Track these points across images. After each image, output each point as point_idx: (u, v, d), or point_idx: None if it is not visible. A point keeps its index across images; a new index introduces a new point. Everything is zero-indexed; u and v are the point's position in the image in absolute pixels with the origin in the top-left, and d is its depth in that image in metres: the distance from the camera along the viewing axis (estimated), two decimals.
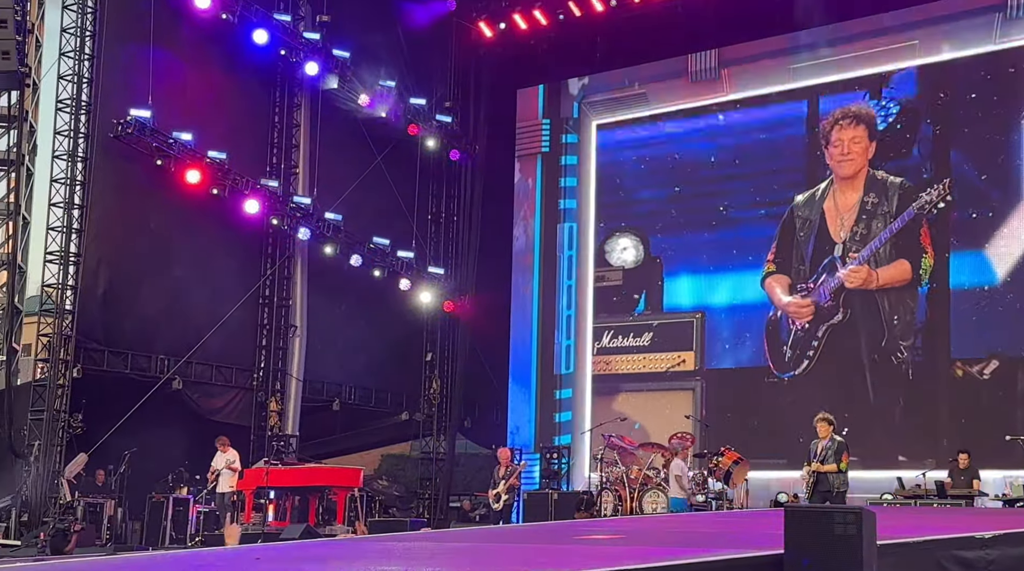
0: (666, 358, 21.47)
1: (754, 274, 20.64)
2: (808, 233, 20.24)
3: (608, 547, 6.98)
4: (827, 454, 13.75)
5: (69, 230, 17.22)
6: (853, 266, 19.55)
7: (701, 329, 21.16)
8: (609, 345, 22.11)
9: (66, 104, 17.35)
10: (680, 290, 21.54)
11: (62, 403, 16.88)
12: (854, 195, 19.83)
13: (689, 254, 21.50)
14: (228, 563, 6.49)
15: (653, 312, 21.86)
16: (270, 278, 20.76)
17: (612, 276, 22.42)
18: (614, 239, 22.39)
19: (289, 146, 20.98)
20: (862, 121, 19.93)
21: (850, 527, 6.10)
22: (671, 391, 21.13)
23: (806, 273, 20.17)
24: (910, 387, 18.79)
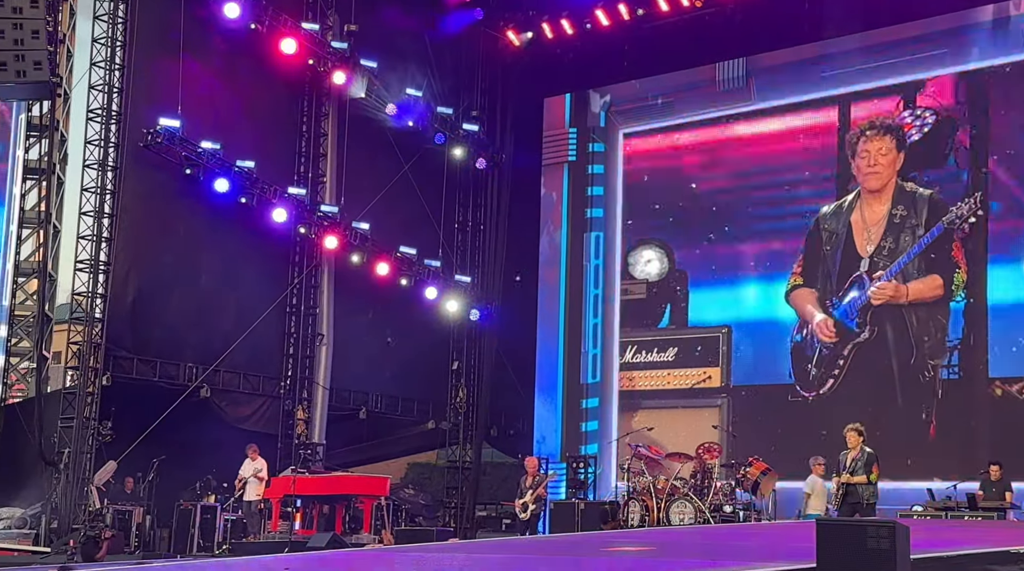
0: (691, 374, 21.20)
1: (782, 287, 20.46)
2: (834, 246, 20.03)
3: (639, 559, 6.95)
4: (856, 465, 13.71)
5: (99, 239, 17.32)
6: (881, 283, 19.32)
7: (727, 344, 20.89)
8: (632, 360, 21.91)
9: (96, 114, 17.47)
10: (706, 304, 21.30)
11: (92, 411, 16.96)
12: (881, 208, 19.62)
13: (715, 267, 21.26)
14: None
15: (678, 327, 21.62)
16: (297, 287, 20.82)
17: (636, 289, 22.22)
18: (638, 251, 22.24)
19: (317, 155, 21.04)
20: (889, 132, 19.74)
21: (883, 541, 6.05)
22: (696, 408, 20.78)
23: (832, 288, 19.95)
24: (943, 406, 18.42)
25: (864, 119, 19.95)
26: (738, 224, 21.09)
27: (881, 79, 19.82)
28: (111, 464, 17.35)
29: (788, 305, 20.38)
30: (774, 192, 20.83)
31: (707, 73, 21.51)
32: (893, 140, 19.67)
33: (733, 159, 21.34)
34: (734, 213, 21.18)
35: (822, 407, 19.39)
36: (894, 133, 19.71)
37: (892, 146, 19.65)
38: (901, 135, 19.62)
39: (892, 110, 19.75)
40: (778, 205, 20.77)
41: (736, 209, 21.17)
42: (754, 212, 20.97)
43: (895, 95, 19.73)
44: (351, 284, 21.24)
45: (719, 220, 21.37)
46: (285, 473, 18.13)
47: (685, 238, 21.78)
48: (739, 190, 21.24)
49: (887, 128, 19.77)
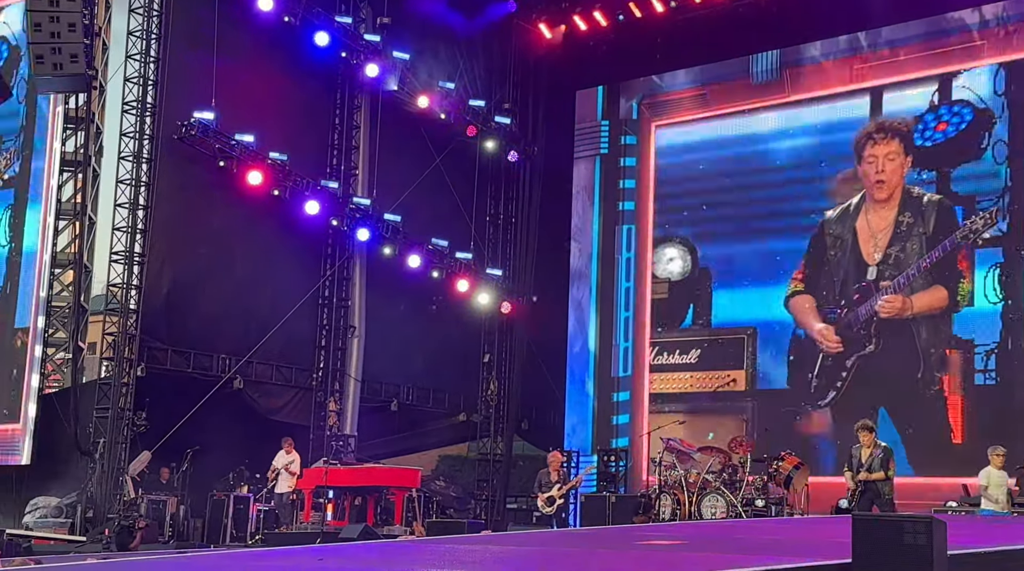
0: (715, 377, 20.70)
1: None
2: (839, 253, 19.74)
3: (671, 554, 6.93)
4: (873, 462, 13.70)
5: (134, 230, 17.45)
6: (888, 296, 19.07)
7: (753, 346, 20.46)
8: (654, 362, 21.61)
9: (132, 106, 17.59)
10: (731, 304, 20.95)
11: (126, 401, 17.10)
12: (888, 214, 19.40)
13: (741, 266, 20.88)
14: (292, 563, 6.53)
15: (701, 327, 21.26)
16: (329, 279, 20.90)
17: (658, 288, 21.93)
18: (660, 249, 22.01)
19: (349, 147, 21.11)
20: (897, 135, 19.46)
21: (920, 536, 6.00)
22: (720, 413, 20.27)
23: (835, 296, 19.70)
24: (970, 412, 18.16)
25: (880, 117, 19.69)
26: (767, 221, 20.74)
27: (913, 72, 19.56)
28: (145, 454, 17.49)
29: (787, 311, 20.16)
30: (806, 186, 20.47)
31: (741, 65, 21.35)
32: (901, 144, 19.40)
33: (765, 153, 21.06)
34: (763, 210, 20.86)
35: (827, 417, 19.18)
36: (903, 136, 19.43)
37: (900, 150, 19.38)
38: (910, 138, 19.34)
39: (924, 105, 19.42)
40: (812, 199, 20.39)
41: (765, 205, 20.84)
42: (783, 208, 20.62)
43: (930, 85, 19.37)
44: (383, 276, 21.29)
45: (746, 217, 21.04)
46: (317, 464, 18.22)
47: (711, 236, 21.43)
48: (768, 186, 20.91)
49: (895, 130, 19.48)
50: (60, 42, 13.85)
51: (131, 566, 6.60)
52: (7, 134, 20.35)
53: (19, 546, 13.82)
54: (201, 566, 6.35)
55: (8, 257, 19.99)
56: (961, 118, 19.13)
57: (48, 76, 14.19)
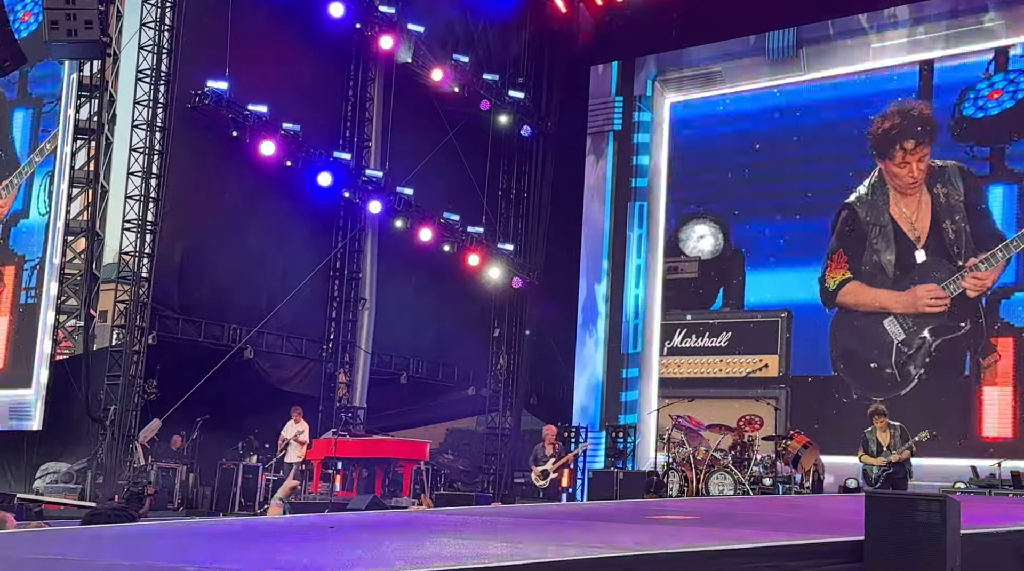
0: (746, 362, 19.92)
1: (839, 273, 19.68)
2: (885, 241, 19.14)
3: (685, 527, 6.94)
4: (895, 442, 13.78)
5: (147, 199, 17.48)
6: (979, 273, 18.29)
7: (787, 330, 19.69)
8: (681, 345, 20.93)
9: (146, 74, 17.58)
10: (764, 285, 20.32)
11: (137, 369, 17.19)
12: (919, 194, 18.95)
13: (775, 245, 20.30)
14: (303, 530, 6.55)
15: (732, 309, 20.57)
16: (341, 251, 20.91)
17: (687, 267, 21.22)
18: (690, 226, 21.44)
19: (362, 119, 21.06)
20: (924, 134, 18.93)
21: (934, 515, 5.99)
22: (750, 399, 19.16)
23: (888, 283, 19.12)
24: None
25: (888, 107, 19.29)
26: (801, 198, 20.19)
27: (930, 51, 19.29)
28: (156, 422, 17.58)
29: (834, 306, 19.54)
30: (837, 163, 19.86)
31: (757, 43, 21.20)
32: (927, 140, 18.91)
33: (791, 127, 20.55)
34: (796, 186, 20.32)
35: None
36: (929, 131, 18.91)
37: (927, 149, 18.94)
38: (934, 125, 18.89)
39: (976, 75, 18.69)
40: (846, 176, 19.80)
41: (798, 181, 20.28)
42: (817, 184, 20.02)
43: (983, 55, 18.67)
44: (394, 249, 21.30)
45: (780, 193, 20.45)
46: (326, 435, 18.30)
47: (742, 213, 20.85)
48: (799, 161, 20.34)
49: (923, 132, 18.97)
50: (75, 8, 13.81)
51: (142, 530, 6.63)
52: (47, 98, 20.26)
53: (30, 510, 13.89)
54: (210, 532, 6.37)
55: (48, 226, 19.89)
56: (1017, 86, 18.26)
57: (63, 42, 14.16)
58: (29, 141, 20.34)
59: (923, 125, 19.24)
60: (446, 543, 5.59)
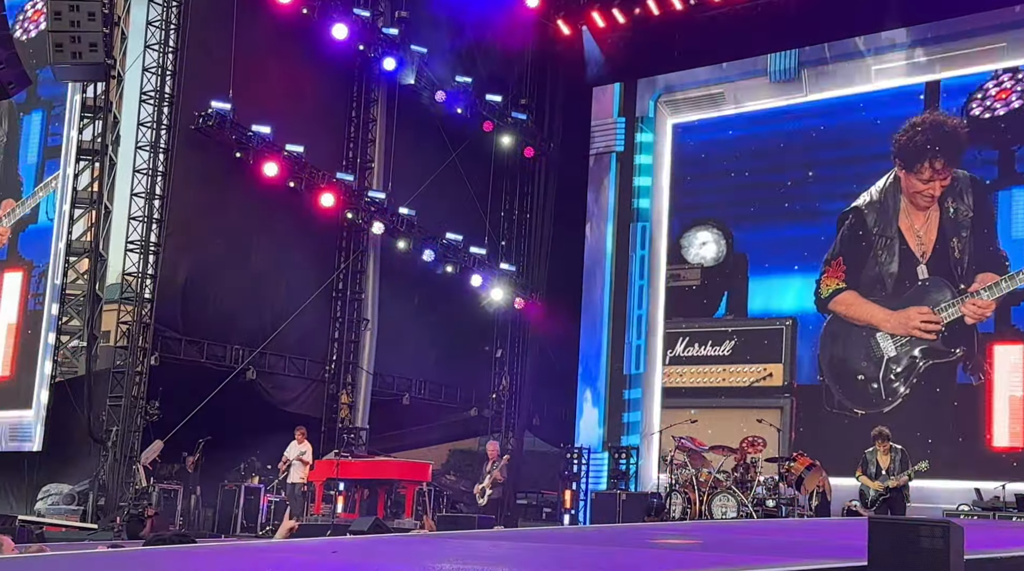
0: (750, 371, 19.73)
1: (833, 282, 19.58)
2: (889, 253, 18.98)
3: (686, 553, 6.91)
4: (894, 467, 13.78)
5: (150, 220, 17.50)
6: (979, 301, 18.06)
7: (792, 338, 19.45)
8: (684, 354, 20.81)
9: (150, 96, 17.64)
10: (768, 293, 20.15)
11: (140, 390, 17.17)
12: (931, 208, 18.77)
13: (779, 252, 20.11)
14: (304, 555, 6.53)
15: (736, 317, 20.40)
16: (344, 272, 20.93)
17: (689, 275, 21.09)
18: (692, 233, 21.31)
19: (365, 141, 21.12)
20: (951, 152, 18.65)
21: (938, 541, 5.98)
22: (754, 409, 18.83)
23: (887, 300, 18.95)
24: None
25: (914, 117, 19.15)
26: (806, 203, 20.05)
27: (933, 73, 19.25)
28: (158, 443, 17.54)
29: (827, 312, 19.43)
30: (842, 167, 19.69)
31: (759, 64, 21.24)
32: (956, 153, 18.61)
33: (795, 135, 20.45)
34: (801, 192, 20.20)
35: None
36: (954, 146, 18.59)
37: (949, 167, 18.65)
38: (962, 139, 18.63)
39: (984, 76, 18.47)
40: (849, 182, 19.61)
41: (804, 186, 20.17)
42: (823, 190, 19.89)
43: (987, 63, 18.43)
44: (396, 270, 21.31)
45: (784, 199, 20.36)
46: (328, 457, 18.26)
47: (745, 220, 20.66)
48: (802, 166, 20.21)
49: (950, 150, 18.62)
50: (79, 31, 13.83)
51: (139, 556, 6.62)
52: (56, 101, 20.30)
53: (31, 532, 13.86)
54: (208, 557, 6.36)
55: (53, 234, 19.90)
56: None
57: (67, 64, 14.19)
58: (40, 147, 20.31)
59: (954, 140, 18.80)
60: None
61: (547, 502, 20.95)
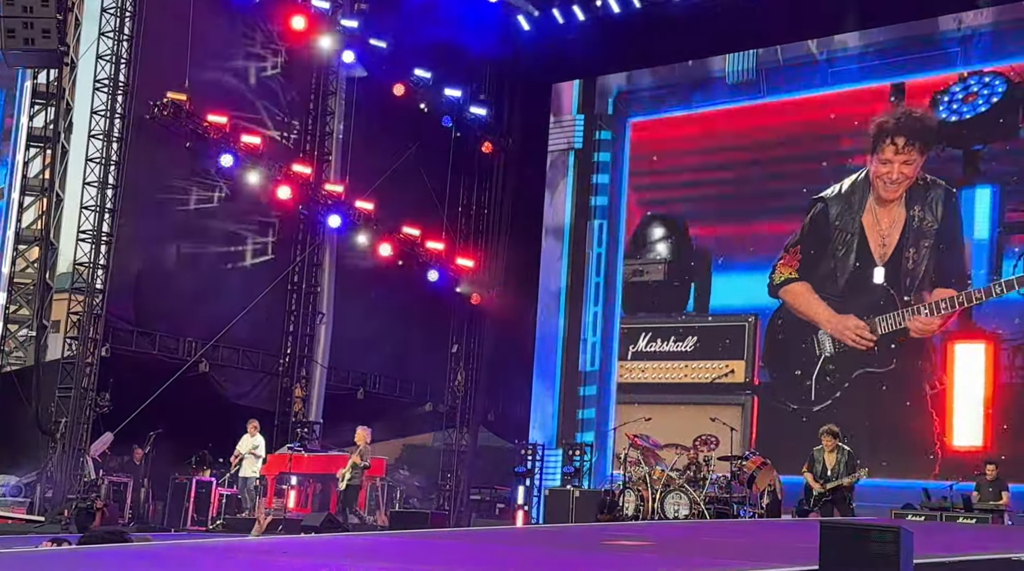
0: (712, 367, 19.75)
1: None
2: (847, 249, 19.05)
3: (640, 555, 6.92)
4: (840, 468, 13.90)
5: (102, 210, 17.28)
6: (925, 317, 18.18)
7: (754, 335, 19.46)
8: (646, 349, 20.81)
9: (103, 84, 17.40)
10: (731, 289, 20.19)
11: (90, 381, 16.97)
12: (895, 208, 18.83)
13: (741, 249, 20.21)
14: (255, 555, 6.47)
15: (699, 313, 20.41)
16: (299, 265, 20.77)
17: (652, 270, 21.15)
18: (649, 227, 21.41)
19: (323, 133, 20.96)
20: (919, 138, 18.69)
21: (888, 546, 6.03)
22: (715, 405, 18.88)
23: (836, 294, 19.06)
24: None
25: (885, 112, 19.17)
26: (770, 200, 20.18)
27: (892, 76, 19.39)
28: (108, 436, 17.35)
29: (776, 298, 19.52)
30: (803, 166, 19.86)
31: (717, 64, 21.32)
32: (920, 146, 18.63)
33: (755, 133, 20.55)
34: (763, 189, 20.33)
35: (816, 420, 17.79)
36: (922, 139, 18.60)
37: (918, 156, 18.69)
38: (932, 130, 18.56)
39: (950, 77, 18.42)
40: (815, 176, 19.74)
41: (765, 183, 20.28)
42: (783, 188, 20.01)
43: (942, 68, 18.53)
44: (353, 264, 21.20)
45: (746, 195, 20.46)
46: (281, 451, 18.15)
47: (705, 217, 20.81)
48: (765, 163, 20.30)
49: (918, 135, 18.66)
50: (32, 16, 13.73)
51: (69, 556, 6.51)
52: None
53: None
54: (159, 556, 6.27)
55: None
56: (992, 90, 18.12)
57: (19, 50, 14.02)
58: None
59: (922, 128, 18.82)
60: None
61: (500, 498, 20.96)
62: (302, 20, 19.45)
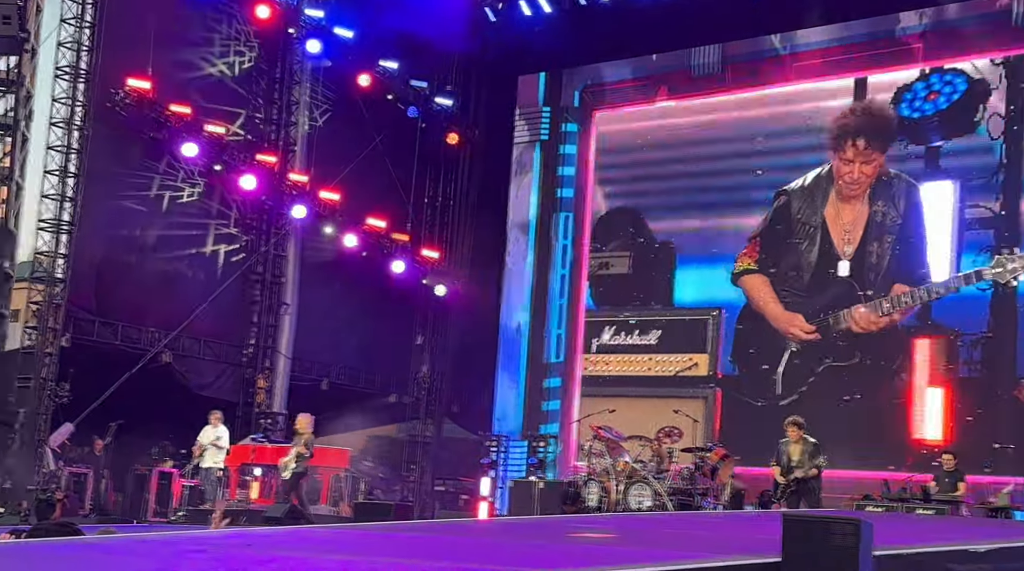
0: (676, 360, 19.93)
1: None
2: (810, 242, 19.17)
3: (604, 548, 6.95)
4: (804, 459, 13.99)
5: (63, 198, 17.11)
6: (864, 311, 18.33)
7: (717, 328, 19.60)
8: (610, 342, 20.94)
9: (65, 71, 17.23)
10: (696, 282, 20.32)
11: (49, 371, 16.82)
12: (858, 203, 18.95)
13: (707, 242, 20.32)
14: (218, 549, 6.43)
15: (664, 306, 20.54)
16: (263, 255, 20.65)
17: (617, 263, 21.25)
18: (617, 221, 21.41)
19: (288, 123, 20.84)
20: (879, 136, 18.83)
21: (849, 538, 6.09)
22: (679, 398, 18.91)
23: (803, 286, 19.19)
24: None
25: (845, 108, 19.30)
26: (728, 198, 20.28)
27: (854, 71, 19.53)
28: (67, 426, 17.20)
29: (735, 287, 19.67)
30: (772, 158, 19.93)
31: (683, 58, 21.37)
32: (881, 145, 18.78)
33: (719, 130, 20.64)
34: (727, 183, 20.41)
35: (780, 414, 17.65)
36: (883, 134, 18.73)
37: (879, 154, 18.85)
38: (890, 129, 18.75)
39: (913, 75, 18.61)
40: (781, 173, 19.86)
41: (729, 177, 20.36)
42: (749, 182, 20.13)
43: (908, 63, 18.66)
44: (317, 254, 21.11)
45: (709, 189, 20.58)
46: (244, 442, 18.06)
47: (670, 210, 20.91)
48: (725, 157, 20.40)
49: (878, 134, 18.79)
50: None
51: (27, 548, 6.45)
52: None
53: None
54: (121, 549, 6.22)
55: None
56: (954, 87, 18.34)
57: None
58: None
59: (882, 129, 19.00)
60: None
61: (465, 489, 20.95)
62: (267, 9, 19.34)
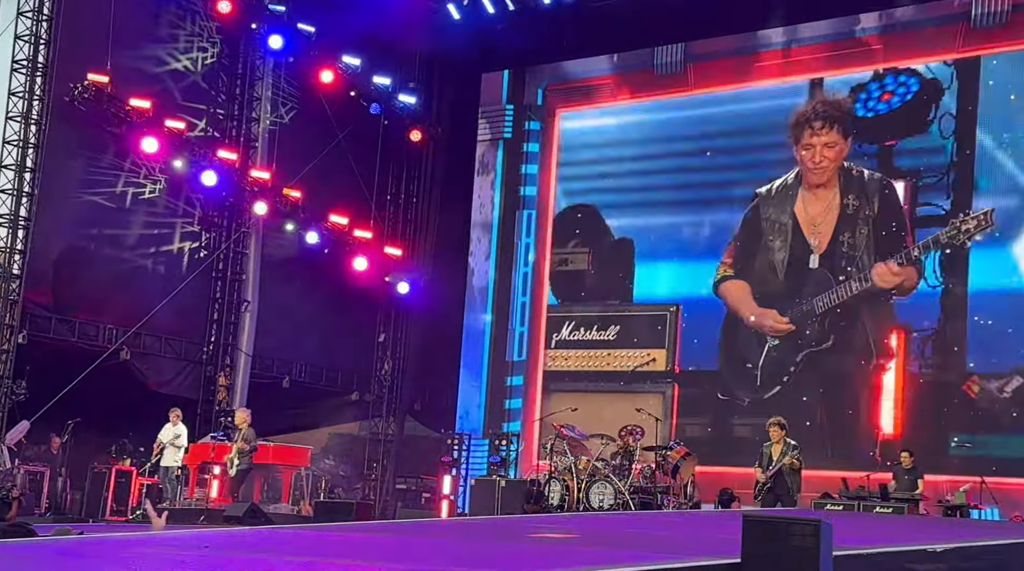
0: (633, 356, 20.08)
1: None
2: (782, 240, 19.29)
3: (563, 547, 6.95)
4: (783, 459, 14.10)
5: (20, 193, 16.89)
6: (892, 265, 18.20)
7: (675, 324, 19.76)
8: (569, 337, 21.04)
9: (22, 64, 17.02)
10: (655, 278, 20.42)
11: (5, 369, 16.62)
12: (828, 196, 19.01)
13: (667, 239, 20.42)
14: (174, 550, 6.37)
15: (622, 302, 20.65)
16: (224, 252, 20.50)
17: (577, 260, 21.35)
18: (577, 218, 21.48)
19: (249, 119, 20.69)
20: (836, 121, 18.99)
21: (808, 539, 6.11)
22: (637, 394, 19.24)
23: (779, 284, 19.33)
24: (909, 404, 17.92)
25: (803, 105, 19.42)
26: (689, 195, 20.40)
27: (817, 71, 19.67)
28: (24, 424, 17.00)
29: (717, 296, 19.85)
30: (734, 156, 20.05)
31: (646, 56, 21.42)
32: (841, 130, 18.92)
33: (681, 128, 20.75)
34: (688, 180, 20.51)
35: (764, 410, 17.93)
36: (841, 121, 18.92)
37: (839, 138, 18.96)
38: (846, 121, 18.92)
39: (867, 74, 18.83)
40: (742, 170, 20.00)
41: (691, 174, 20.46)
42: (711, 179, 20.21)
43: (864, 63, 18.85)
44: (279, 251, 20.99)
45: (669, 186, 20.68)
46: (204, 440, 17.92)
47: (632, 207, 20.99)
48: (689, 153, 20.52)
49: (834, 117, 18.95)
50: None
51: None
52: None
53: None
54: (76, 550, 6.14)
55: None
56: (907, 88, 18.56)
57: None
58: None
59: (837, 110, 19.08)
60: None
61: (426, 487, 20.91)
62: (228, 4, 19.16)
